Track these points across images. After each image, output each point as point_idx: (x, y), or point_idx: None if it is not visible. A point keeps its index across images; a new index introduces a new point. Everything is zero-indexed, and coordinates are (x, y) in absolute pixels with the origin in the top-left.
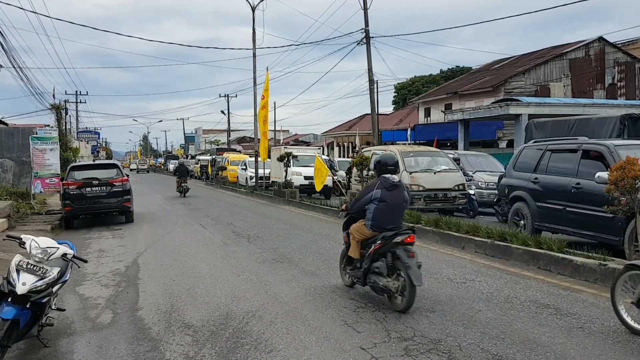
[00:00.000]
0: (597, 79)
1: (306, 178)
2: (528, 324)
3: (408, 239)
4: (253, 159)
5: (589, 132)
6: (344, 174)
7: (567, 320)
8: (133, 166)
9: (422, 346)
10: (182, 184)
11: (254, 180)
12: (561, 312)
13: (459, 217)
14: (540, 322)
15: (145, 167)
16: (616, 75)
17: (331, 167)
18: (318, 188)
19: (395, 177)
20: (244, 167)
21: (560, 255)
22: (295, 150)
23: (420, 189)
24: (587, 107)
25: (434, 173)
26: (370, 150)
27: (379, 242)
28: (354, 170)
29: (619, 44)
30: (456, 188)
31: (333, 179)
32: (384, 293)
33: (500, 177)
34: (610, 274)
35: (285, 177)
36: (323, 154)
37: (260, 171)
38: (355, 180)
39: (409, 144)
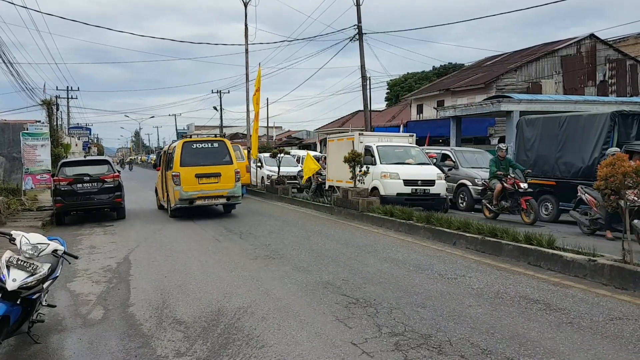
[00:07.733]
0: (588, 76)
1: (408, 183)
2: (518, 319)
3: None
4: (268, 154)
5: (580, 128)
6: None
7: (556, 316)
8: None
9: (413, 341)
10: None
11: (271, 179)
12: (550, 307)
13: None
14: (530, 317)
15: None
16: (607, 72)
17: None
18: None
19: None
20: (260, 164)
21: (550, 251)
22: (377, 140)
23: None
24: (579, 103)
25: None
26: None
27: None
28: (347, 167)
29: (610, 41)
30: None
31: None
32: None
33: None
34: (599, 269)
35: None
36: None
37: (285, 169)
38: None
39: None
